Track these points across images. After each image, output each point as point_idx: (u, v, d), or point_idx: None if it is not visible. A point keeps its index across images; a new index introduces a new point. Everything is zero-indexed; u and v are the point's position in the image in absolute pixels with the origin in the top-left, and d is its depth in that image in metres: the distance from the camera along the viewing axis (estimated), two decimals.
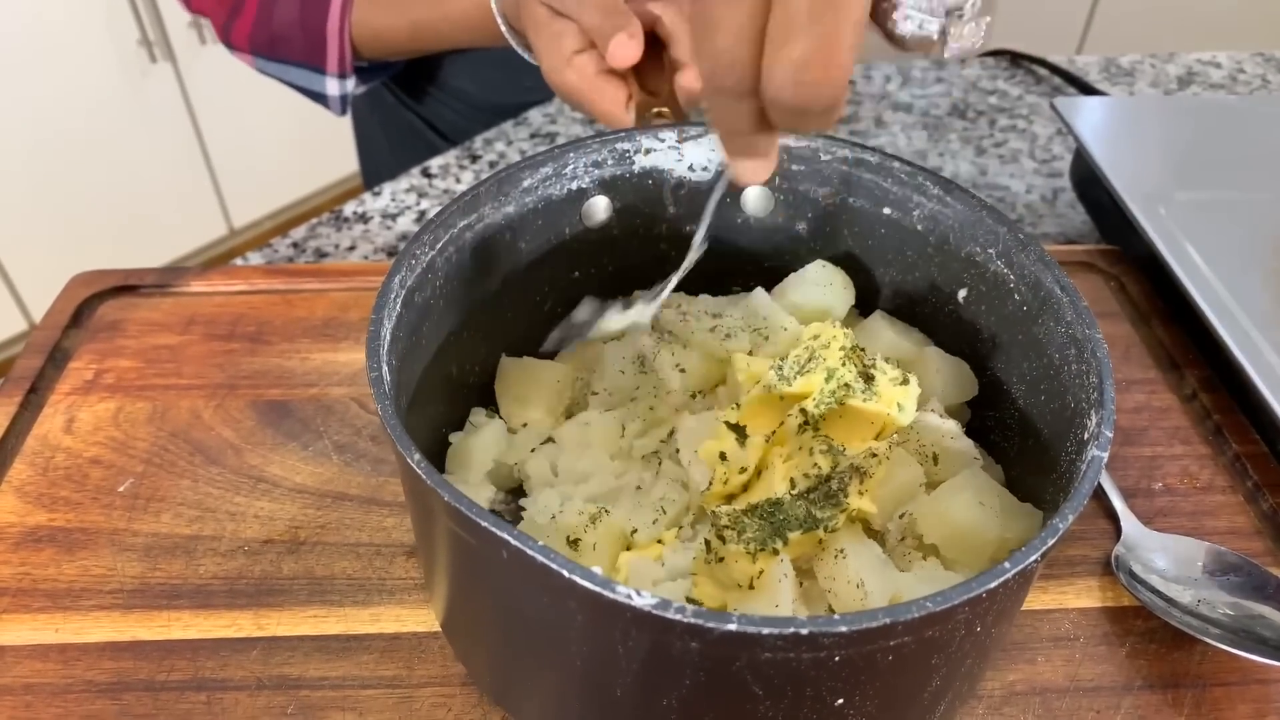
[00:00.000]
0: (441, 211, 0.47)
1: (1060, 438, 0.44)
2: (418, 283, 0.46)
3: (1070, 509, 0.35)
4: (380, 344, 0.41)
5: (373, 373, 0.39)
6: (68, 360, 0.62)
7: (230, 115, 2.16)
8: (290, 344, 0.64)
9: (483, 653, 0.44)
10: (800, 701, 0.35)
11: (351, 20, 0.80)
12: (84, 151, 1.98)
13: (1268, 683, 0.47)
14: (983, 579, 0.33)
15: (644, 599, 0.31)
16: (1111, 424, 0.39)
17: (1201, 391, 0.62)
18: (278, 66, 0.84)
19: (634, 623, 0.33)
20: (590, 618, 0.34)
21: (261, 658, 0.47)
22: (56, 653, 0.47)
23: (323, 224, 0.80)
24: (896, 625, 0.31)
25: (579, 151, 0.52)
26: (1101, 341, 0.42)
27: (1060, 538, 0.35)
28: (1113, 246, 0.74)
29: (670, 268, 0.58)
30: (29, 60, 1.84)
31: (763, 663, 0.33)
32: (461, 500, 0.34)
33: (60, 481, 0.55)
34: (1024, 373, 0.49)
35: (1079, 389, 0.43)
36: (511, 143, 0.90)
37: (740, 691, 0.34)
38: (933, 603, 0.32)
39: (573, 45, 0.63)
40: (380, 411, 0.38)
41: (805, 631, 0.31)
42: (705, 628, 0.31)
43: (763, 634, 0.31)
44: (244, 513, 0.54)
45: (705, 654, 0.33)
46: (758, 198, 0.56)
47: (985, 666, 0.43)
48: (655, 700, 0.36)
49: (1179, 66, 1.05)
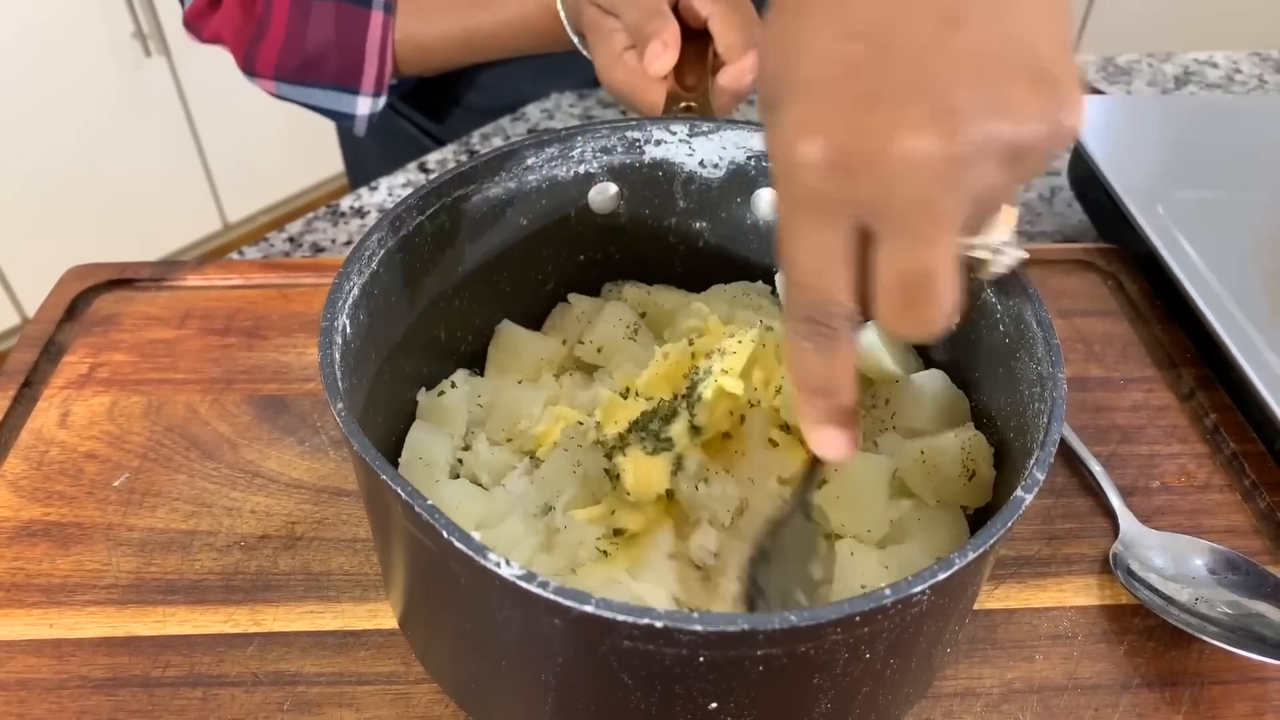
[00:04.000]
0: (436, 178, 0.47)
1: (1016, 476, 0.41)
2: (400, 244, 0.46)
3: (959, 555, 0.33)
4: (341, 296, 0.42)
5: (325, 322, 0.40)
6: (62, 354, 0.62)
7: (225, 109, 2.15)
8: (287, 339, 0.64)
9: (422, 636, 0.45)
10: (671, 699, 0.34)
11: (395, 35, 0.78)
12: (77, 145, 1.97)
13: (1265, 681, 0.48)
14: (857, 601, 0.31)
15: (510, 569, 0.31)
16: (1045, 467, 0.36)
17: (1199, 390, 0.62)
18: (302, 90, 0.80)
19: (503, 592, 0.32)
20: (470, 583, 0.34)
21: (258, 653, 0.47)
22: (51, 648, 0.47)
23: (319, 218, 0.80)
24: (758, 634, 0.30)
25: (587, 136, 0.52)
26: (1061, 381, 0.40)
27: (951, 574, 0.32)
28: (1110, 245, 0.74)
29: (679, 262, 0.58)
30: (23, 53, 1.83)
31: (626, 651, 0.32)
32: (355, 435, 0.34)
33: (54, 476, 0.55)
34: (1000, 406, 0.47)
35: (1035, 428, 0.40)
36: (509, 138, 0.90)
37: (609, 678, 0.34)
38: (797, 617, 0.30)
39: (623, 42, 0.64)
40: (321, 361, 0.39)
41: (660, 624, 0.30)
42: (564, 605, 0.31)
43: (617, 620, 0.30)
44: (240, 508, 0.53)
45: (569, 634, 0.33)
46: (770, 201, 0.55)
47: (898, 699, 0.41)
48: (535, 674, 0.36)
49: (1176, 66, 1.06)
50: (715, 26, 0.63)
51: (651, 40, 0.60)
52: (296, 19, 0.76)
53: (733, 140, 0.53)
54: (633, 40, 0.63)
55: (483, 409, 0.52)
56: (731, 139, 0.53)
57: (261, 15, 0.77)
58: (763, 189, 0.55)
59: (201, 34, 0.81)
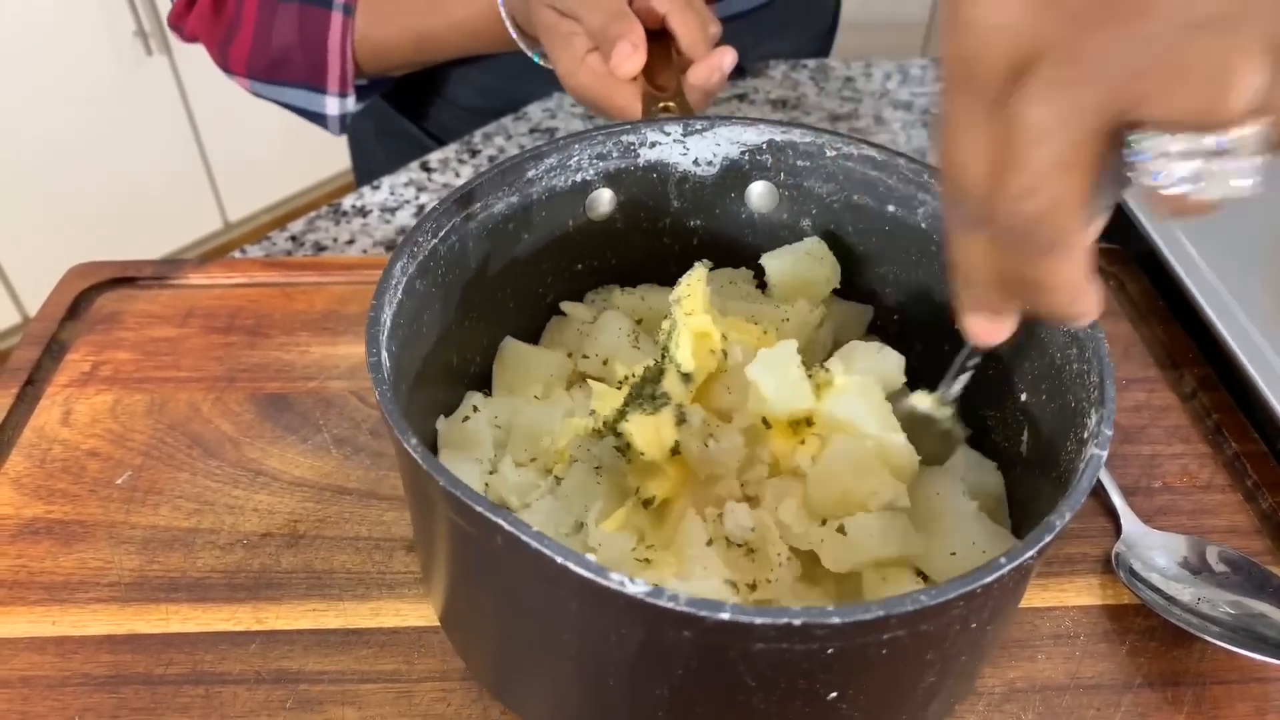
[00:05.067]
0: (444, 200, 0.47)
1: (1061, 436, 0.44)
2: (419, 271, 0.45)
3: (1068, 507, 0.35)
4: (380, 329, 0.41)
5: (371, 358, 0.39)
6: (65, 352, 0.62)
7: (226, 108, 2.15)
8: (289, 337, 0.64)
9: (481, 644, 0.44)
10: (793, 694, 0.35)
11: (354, 36, 0.79)
12: (78, 144, 1.97)
13: (1267, 681, 0.48)
14: (979, 574, 0.32)
15: (636, 586, 0.31)
16: (1111, 422, 0.39)
17: (1201, 390, 0.62)
18: (275, 89, 0.82)
19: (626, 611, 0.32)
20: (584, 605, 0.34)
21: (260, 651, 0.47)
22: (54, 645, 0.47)
23: (321, 217, 0.80)
24: (890, 618, 0.31)
25: (584, 143, 0.52)
26: (1103, 341, 0.42)
27: (1057, 535, 0.34)
28: (1112, 245, 0.74)
29: (674, 263, 0.58)
30: (24, 51, 1.83)
31: (755, 653, 0.33)
32: (458, 485, 0.34)
33: (57, 474, 0.55)
34: (1025, 372, 0.48)
35: (1080, 388, 0.42)
36: (511, 137, 0.90)
37: (733, 682, 0.34)
38: (927, 596, 0.31)
39: (585, 45, 0.63)
40: (379, 398, 0.38)
41: (798, 622, 0.30)
42: (697, 616, 0.31)
43: (755, 624, 0.31)
44: (243, 506, 0.54)
45: (697, 643, 0.33)
46: (762, 194, 0.56)
47: (981, 664, 0.43)
48: (648, 689, 0.36)
49: None
50: (675, 23, 0.63)
51: (619, 42, 0.59)
52: (264, 19, 0.78)
53: (726, 136, 0.53)
54: (595, 43, 0.62)
55: (502, 430, 0.52)
56: (725, 135, 0.53)
57: (232, 16, 0.78)
58: (755, 182, 0.55)
59: (183, 33, 0.83)
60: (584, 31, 0.62)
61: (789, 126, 0.53)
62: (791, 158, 0.54)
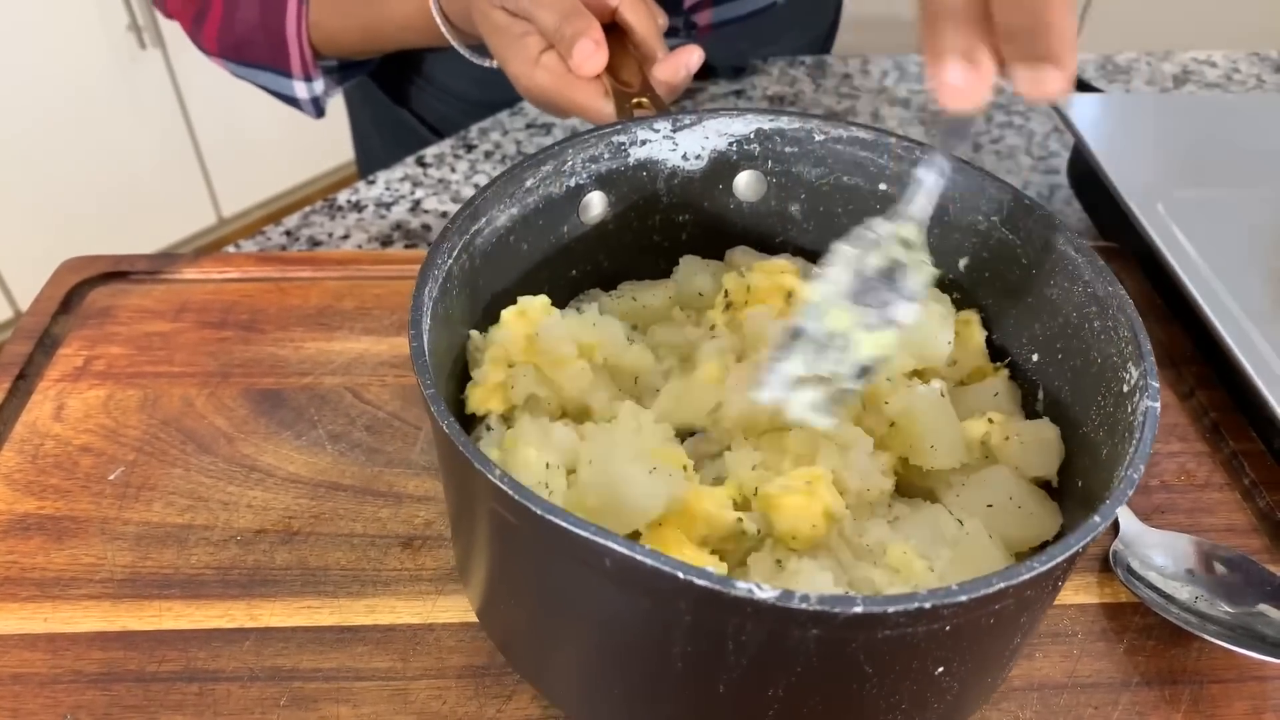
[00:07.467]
0: (454, 218, 0.46)
1: (1086, 393, 0.45)
2: (441, 293, 0.45)
3: (1140, 458, 0.37)
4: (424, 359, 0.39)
5: (427, 389, 0.38)
6: (57, 346, 0.62)
7: (220, 102, 2.14)
8: (284, 332, 0.63)
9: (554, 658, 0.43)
10: (905, 675, 0.35)
11: (308, 23, 0.78)
12: (72, 138, 1.96)
13: (1265, 679, 0.48)
14: (1079, 535, 0.33)
15: (766, 592, 0.31)
16: (1155, 374, 0.40)
17: (1199, 389, 0.62)
18: (248, 70, 0.82)
19: (751, 617, 0.32)
20: (700, 616, 0.33)
21: (254, 649, 0.47)
22: (45, 642, 0.47)
23: (316, 212, 0.80)
24: (1008, 589, 0.32)
25: (577, 147, 0.51)
26: (1126, 297, 0.43)
27: (1136, 489, 0.36)
28: (1110, 244, 0.74)
29: (662, 259, 0.57)
30: (18, 45, 1.82)
31: (879, 640, 0.33)
32: (553, 511, 0.33)
33: (49, 469, 0.54)
34: (1034, 334, 0.50)
35: (1105, 344, 0.44)
36: (507, 132, 0.90)
37: (852, 673, 0.34)
38: (1039, 563, 0.32)
39: (539, 45, 0.61)
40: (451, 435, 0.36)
41: (929, 605, 0.31)
42: (831, 613, 0.31)
43: (888, 613, 0.31)
44: (237, 502, 0.53)
45: (824, 639, 0.33)
46: (749, 183, 0.56)
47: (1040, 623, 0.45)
48: (761, 692, 0.36)
49: (1174, 65, 1.05)
50: (628, 16, 0.62)
51: (579, 40, 0.58)
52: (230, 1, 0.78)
53: (715, 128, 0.53)
54: (551, 43, 0.61)
55: None
56: (714, 127, 0.53)
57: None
58: (742, 173, 0.55)
59: (165, 9, 0.83)
60: (537, 31, 0.61)
61: (776, 114, 0.53)
62: (779, 145, 0.54)
